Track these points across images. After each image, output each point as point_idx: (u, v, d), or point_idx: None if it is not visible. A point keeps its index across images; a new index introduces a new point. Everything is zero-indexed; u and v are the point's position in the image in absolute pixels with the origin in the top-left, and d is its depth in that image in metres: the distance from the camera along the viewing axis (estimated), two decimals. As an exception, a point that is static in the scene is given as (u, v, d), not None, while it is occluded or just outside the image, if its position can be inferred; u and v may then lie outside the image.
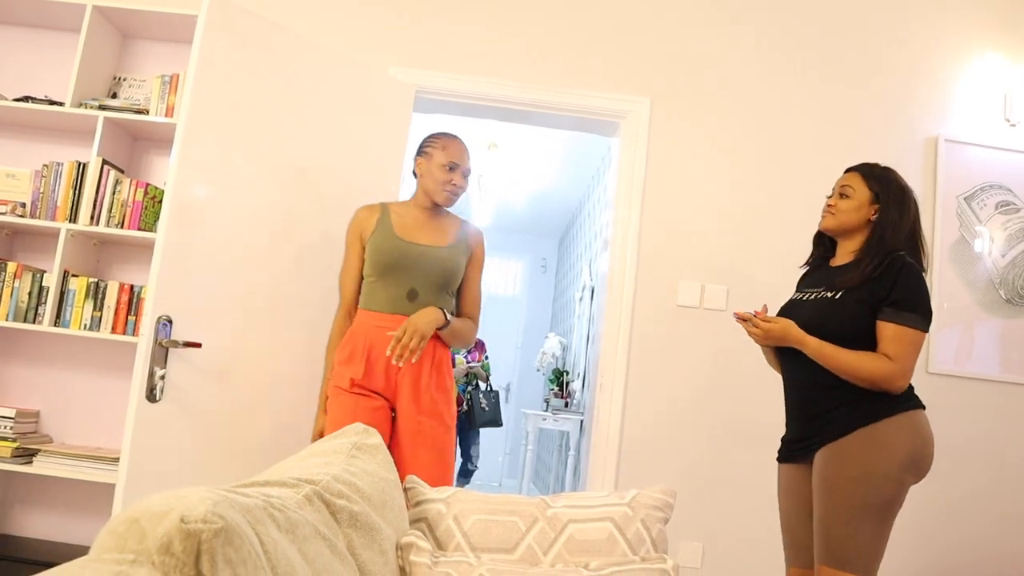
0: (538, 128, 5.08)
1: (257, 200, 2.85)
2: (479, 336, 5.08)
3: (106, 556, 0.64)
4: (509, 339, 8.95)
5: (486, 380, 5.97)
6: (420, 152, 2.64)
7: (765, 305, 2.31)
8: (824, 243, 2.43)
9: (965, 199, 3.52)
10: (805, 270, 2.48)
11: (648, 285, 3.38)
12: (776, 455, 2.37)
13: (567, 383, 5.81)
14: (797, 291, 2.41)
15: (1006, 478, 3.38)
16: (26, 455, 3.06)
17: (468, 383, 5.90)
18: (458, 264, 2.59)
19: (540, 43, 3.55)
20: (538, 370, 6.69)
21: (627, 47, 3.56)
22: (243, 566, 0.66)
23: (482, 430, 6.24)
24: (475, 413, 5.74)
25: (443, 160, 2.56)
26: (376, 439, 1.56)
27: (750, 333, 2.26)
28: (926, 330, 2.10)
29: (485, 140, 5.97)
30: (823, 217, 2.32)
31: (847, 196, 2.26)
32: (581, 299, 5.84)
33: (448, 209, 2.68)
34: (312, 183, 2.98)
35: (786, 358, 2.31)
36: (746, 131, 3.53)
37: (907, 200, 2.25)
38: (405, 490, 1.68)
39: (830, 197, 2.32)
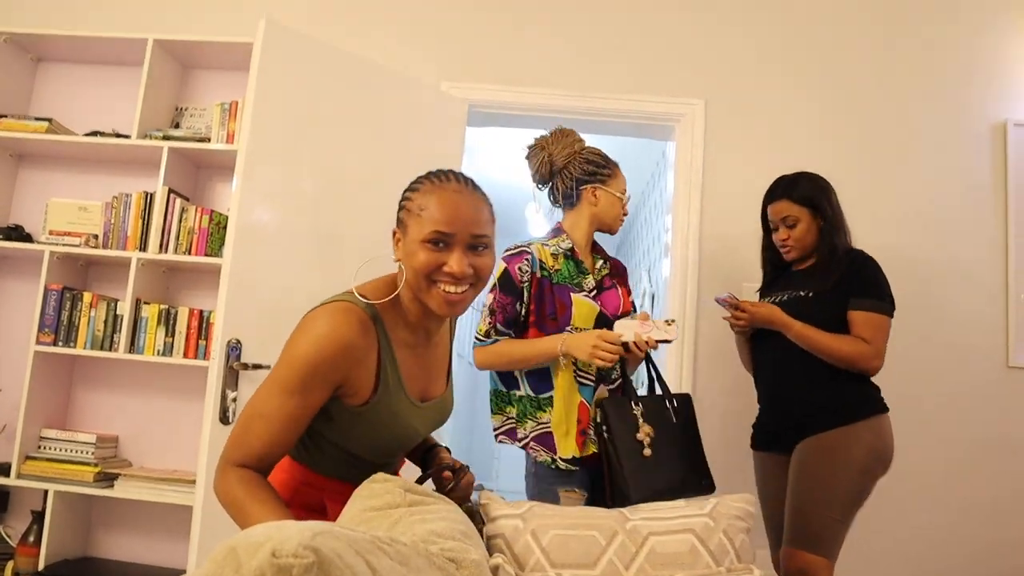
0: (591, 135, 5.05)
1: (318, 220, 2.88)
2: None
3: (204, 585, 0.64)
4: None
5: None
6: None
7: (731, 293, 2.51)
8: (773, 261, 2.61)
9: (1040, 184, 3.39)
10: (759, 288, 2.69)
11: (711, 290, 3.31)
12: (750, 442, 2.57)
13: (630, 390, 5.73)
14: (763, 299, 2.57)
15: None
16: (107, 479, 3.14)
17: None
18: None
19: (591, 51, 3.53)
20: (600, 378, 6.57)
21: (678, 50, 3.52)
22: (344, 597, 0.65)
23: None
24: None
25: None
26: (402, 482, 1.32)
27: (734, 318, 2.45)
28: (891, 315, 2.32)
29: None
30: (786, 252, 2.49)
31: (794, 225, 2.44)
32: (642, 306, 5.77)
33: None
34: (371, 199, 3.00)
35: (764, 353, 2.48)
36: (806, 125, 3.45)
37: (829, 192, 2.45)
38: (480, 505, 1.67)
39: (775, 232, 2.51)
